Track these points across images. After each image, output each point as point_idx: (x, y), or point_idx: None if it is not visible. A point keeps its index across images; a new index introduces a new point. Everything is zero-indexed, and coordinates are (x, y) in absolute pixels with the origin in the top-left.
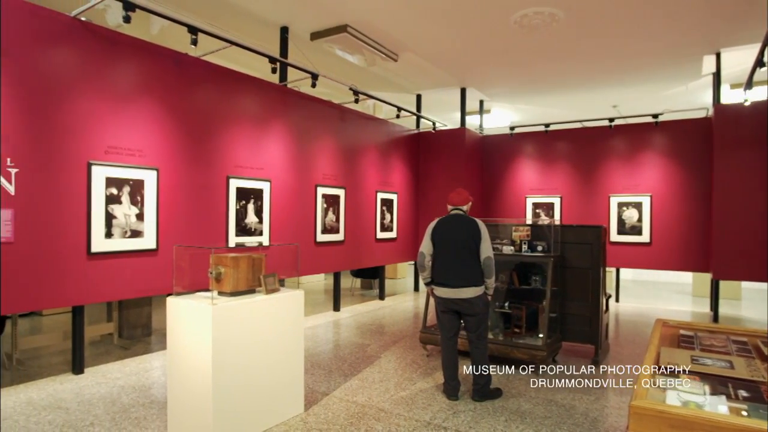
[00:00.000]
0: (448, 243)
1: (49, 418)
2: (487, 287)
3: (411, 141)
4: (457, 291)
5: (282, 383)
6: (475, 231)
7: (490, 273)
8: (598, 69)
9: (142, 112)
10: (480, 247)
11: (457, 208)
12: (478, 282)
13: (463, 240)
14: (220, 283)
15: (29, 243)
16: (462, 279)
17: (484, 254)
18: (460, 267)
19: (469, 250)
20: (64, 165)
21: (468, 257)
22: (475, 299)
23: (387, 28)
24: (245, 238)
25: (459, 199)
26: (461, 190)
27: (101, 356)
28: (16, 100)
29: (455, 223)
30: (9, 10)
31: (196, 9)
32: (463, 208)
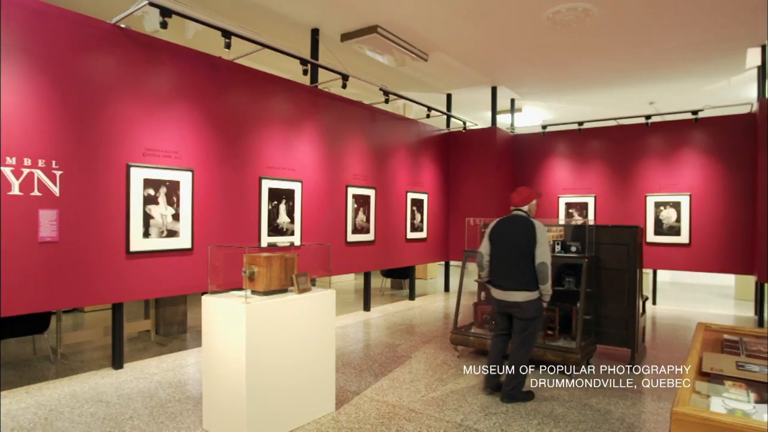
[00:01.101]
0: (504, 244)
1: (92, 411)
2: (541, 293)
3: (441, 141)
4: (508, 294)
5: (314, 382)
6: (530, 234)
7: (543, 279)
8: (633, 64)
9: (177, 114)
10: (535, 252)
11: (518, 209)
12: (530, 286)
13: (518, 243)
14: (253, 283)
15: (72, 242)
16: (514, 282)
17: (539, 259)
18: (513, 270)
19: (523, 254)
20: (105, 167)
21: (521, 261)
22: (525, 304)
23: (417, 28)
24: (277, 237)
25: (518, 199)
26: (522, 188)
27: (139, 352)
28: (60, 105)
29: (512, 224)
30: (53, 19)
31: (230, 13)
32: (524, 208)
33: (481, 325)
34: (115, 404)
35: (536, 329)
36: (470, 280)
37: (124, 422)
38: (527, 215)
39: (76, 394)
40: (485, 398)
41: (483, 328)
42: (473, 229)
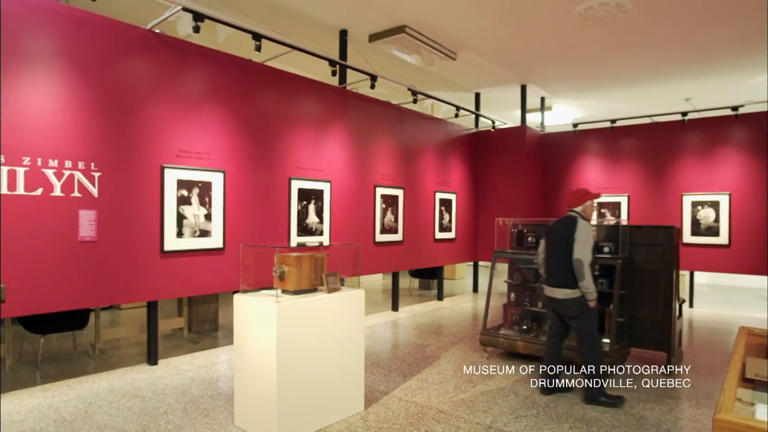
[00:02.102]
0: (551, 243)
1: (128, 405)
2: (582, 291)
3: (470, 140)
4: (551, 290)
5: (343, 381)
6: (571, 231)
7: (579, 276)
8: (669, 60)
9: (209, 116)
10: (573, 248)
11: (572, 210)
12: (570, 284)
13: (561, 240)
14: (283, 282)
15: (110, 242)
16: (555, 279)
17: (574, 255)
18: (556, 267)
19: (564, 251)
20: (140, 168)
21: (562, 258)
22: (566, 301)
23: (445, 27)
24: (306, 237)
25: (571, 200)
26: (576, 190)
27: (173, 349)
28: (98, 110)
29: (561, 223)
30: (93, 26)
31: (259, 16)
32: (577, 209)
33: (510, 327)
34: (150, 399)
35: (587, 328)
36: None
37: (159, 417)
38: (578, 215)
39: (113, 389)
40: (515, 400)
41: (513, 329)
42: (503, 230)
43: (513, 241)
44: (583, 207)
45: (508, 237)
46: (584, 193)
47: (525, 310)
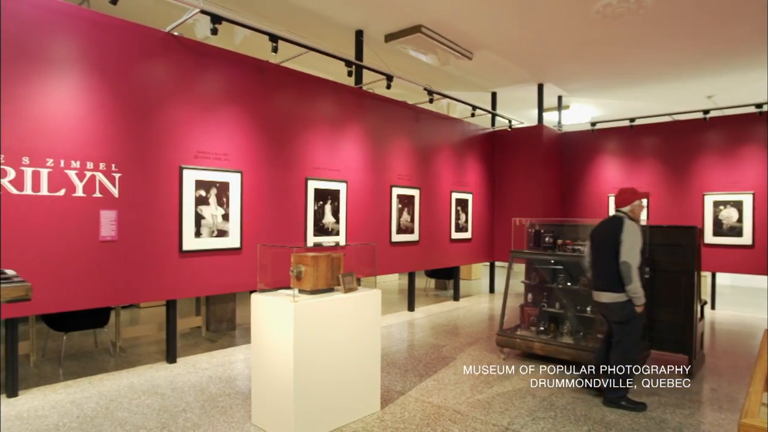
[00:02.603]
0: (597, 245)
1: (148, 402)
2: (630, 296)
3: (486, 140)
4: (597, 294)
5: (359, 381)
6: (617, 233)
7: (626, 279)
8: (690, 57)
9: (227, 118)
10: (620, 250)
11: (619, 210)
12: (615, 287)
13: (607, 242)
14: (300, 282)
15: (130, 241)
16: (600, 282)
17: (621, 258)
18: (601, 270)
19: (609, 253)
20: (159, 169)
21: (607, 260)
22: (612, 305)
23: (461, 27)
24: (323, 237)
25: (619, 200)
26: (624, 189)
27: (191, 347)
28: (119, 111)
29: (606, 224)
30: (113, 30)
31: (276, 18)
32: (624, 209)
33: (527, 327)
34: (169, 397)
35: (629, 334)
36: (516, 281)
37: (178, 414)
38: (626, 216)
39: (133, 386)
40: (533, 402)
41: (530, 330)
42: (519, 230)
43: (530, 242)
44: (630, 207)
45: (525, 237)
46: (632, 193)
47: (542, 310)
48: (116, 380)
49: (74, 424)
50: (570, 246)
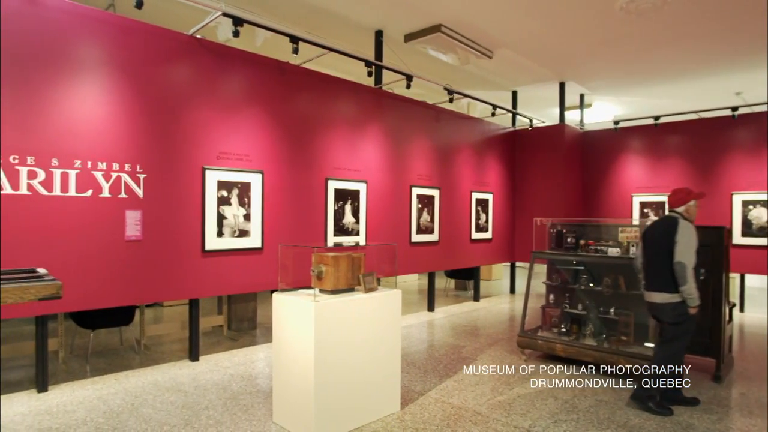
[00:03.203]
0: (649, 245)
1: (172, 399)
2: (684, 297)
3: (507, 139)
4: (649, 294)
5: (379, 380)
6: (671, 232)
7: (681, 280)
8: (717, 53)
9: (248, 118)
10: (674, 250)
11: (673, 210)
12: (669, 288)
13: (660, 242)
14: (321, 281)
15: (154, 241)
16: (653, 282)
17: (675, 258)
18: (653, 270)
19: (662, 254)
20: (183, 170)
21: (661, 260)
22: (664, 306)
23: (481, 25)
24: (343, 237)
25: (673, 200)
26: (678, 189)
27: (213, 346)
28: (143, 114)
29: (660, 225)
30: (138, 34)
31: (296, 19)
32: (678, 209)
33: (549, 329)
34: (192, 394)
35: (681, 335)
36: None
37: (201, 411)
38: (680, 216)
39: (157, 383)
40: (554, 404)
41: (551, 331)
42: (541, 230)
43: (552, 242)
44: (686, 207)
45: (547, 237)
46: (687, 193)
47: (564, 312)
48: (141, 377)
49: (101, 419)
50: (593, 246)
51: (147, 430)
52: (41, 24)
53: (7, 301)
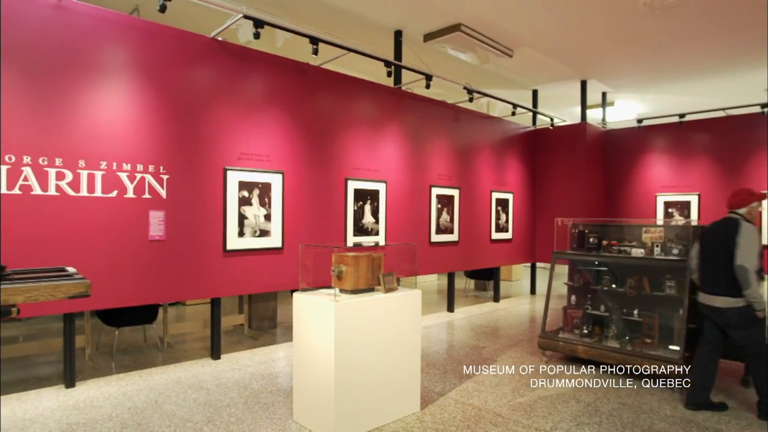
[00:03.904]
0: (709, 247)
1: (194, 397)
2: (749, 301)
3: (527, 139)
4: (708, 298)
5: (399, 381)
6: (733, 235)
7: (744, 284)
8: (746, 48)
9: (269, 119)
10: (735, 253)
11: (733, 212)
12: (731, 292)
13: (721, 245)
14: (341, 281)
15: (177, 241)
16: (714, 286)
17: (737, 261)
18: (714, 273)
19: (722, 257)
20: (204, 171)
21: (721, 264)
22: (728, 310)
23: (501, 24)
24: (362, 237)
25: (734, 202)
26: (740, 190)
27: (234, 344)
28: (167, 115)
29: (720, 226)
30: (162, 37)
31: (316, 20)
32: (739, 211)
33: (571, 330)
34: (214, 392)
35: (756, 341)
36: (559, 282)
37: (223, 409)
38: (741, 218)
39: (180, 380)
40: (576, 407)
41: (573, 333)
42: (562, 230)
43: (573, 242)
44: (748, 209)
45: (569, 238)
46: (749, 194)
47: (586, 313)
48: (164, 374)
49: (126, 415)
50: (616, 247)
51: (171, 426)
52: (70, 30)
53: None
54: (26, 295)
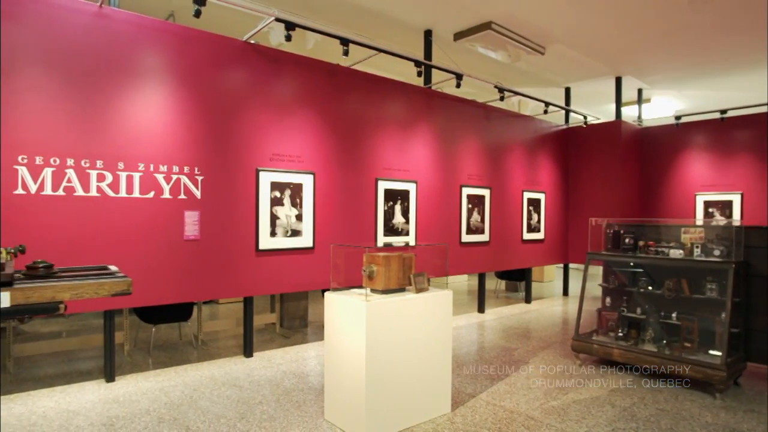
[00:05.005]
0: None
1: (227, 393)
2: None
3: (560, 137)
4: None
5: (430, 381)
6: None
7: None
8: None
9: (300, 120)
10: None
11: None
12: None
13: None
14: (372, 281)
15: (211, 240)
16: None
17: None
18: None
19: None
20: (238, 172)
21: None
22: None
23: (533, 21)
24: (392, 237)
25: None
26: None
27: (266, 343)
28: (201, 118)
29: None
30: (196, 41)
31: (346, 21)
32: None
33: (605, 333)
34: (247, 389)
35: None
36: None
37: (255, 406)
38: None
39: (214, 377)
40: (612, 411)
41: (608, 335)
42: (596, 230)
43: (608, 243)
44: None
45: (603, 238)
46: None
47: (622, 315)
48: (198, 371)
49: (163, 410)
50: (653, 248)
51: (205, 422)
52: (110, 36)
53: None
54: (73, 292)
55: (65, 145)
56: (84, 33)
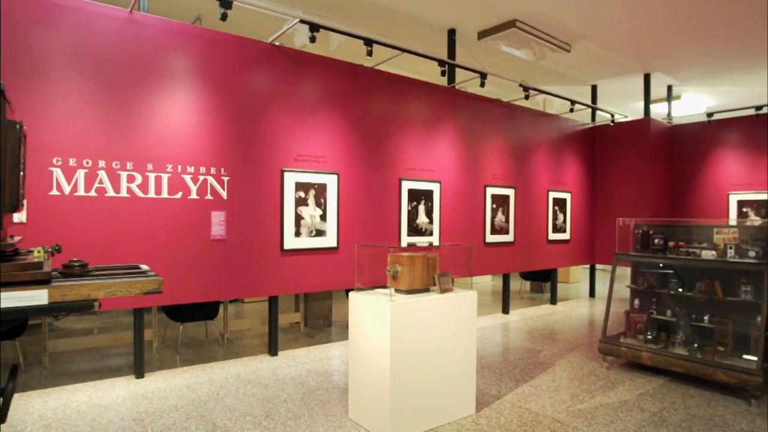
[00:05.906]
0: None
1: (253, 391)
2: None
3: (586, 136)
4: None
5: (454, 382)
6: None
7: None
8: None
9: (324, 121)
10: None
11: None
12: None
13: None
14: (396, 281)
15: (236, 240)
16: None
17: None
18: None
19: None
20: (263, 172)
21: None
22: None
23: (558, 18)
24: (416, 238)
25: None
26: None
27: (290, 342)
28: (227, 119)
29: None
30: (222, 44)
31: (369, 22)
32: None
33: (634, 335)
34: (272, 387)
35: None
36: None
37: (280, 404)
38: None
39: (240, 375)
40: (640, 416)
41: (636, 338)
42: (624, 231)
43: (637, 243)
44: None
45: (631, 239)
46: None
47: (651, 318)
48: (224, 369)
49: (190, 406)
50: (684, 249)
51: (231, 419)
52: (139, 41)
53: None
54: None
55: (97, 147)
56: (114, 38)
